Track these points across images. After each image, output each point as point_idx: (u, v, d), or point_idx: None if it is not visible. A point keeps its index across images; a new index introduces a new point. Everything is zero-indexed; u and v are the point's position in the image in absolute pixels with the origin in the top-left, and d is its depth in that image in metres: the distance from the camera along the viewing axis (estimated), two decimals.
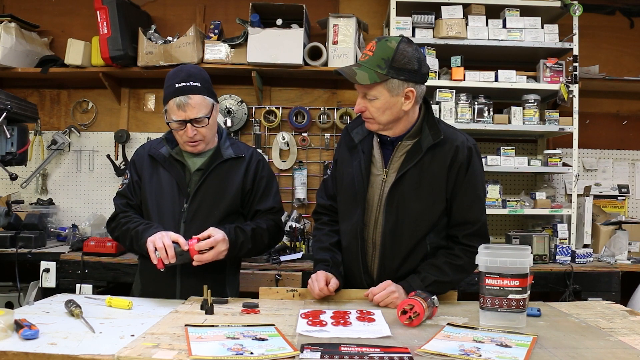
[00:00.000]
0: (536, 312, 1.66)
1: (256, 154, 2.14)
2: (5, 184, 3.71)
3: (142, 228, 1.92)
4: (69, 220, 3.75)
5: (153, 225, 1.92)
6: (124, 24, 3.33)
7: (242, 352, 1.21)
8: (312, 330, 1.43)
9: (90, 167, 3.82)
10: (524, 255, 1.50)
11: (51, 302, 1.78)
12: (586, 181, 3.76)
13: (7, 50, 3.39)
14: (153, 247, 1.80)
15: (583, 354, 1.27)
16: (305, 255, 3.14)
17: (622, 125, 3.84)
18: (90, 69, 3.52)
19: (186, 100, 1.91)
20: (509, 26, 3.27)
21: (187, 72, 1.95)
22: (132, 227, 1.95)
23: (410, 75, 1.74)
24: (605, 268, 2.98)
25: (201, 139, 1.98)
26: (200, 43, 3.43)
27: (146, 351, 1.23)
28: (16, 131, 2.29)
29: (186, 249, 1.81)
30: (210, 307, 1.63)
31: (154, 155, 2.05)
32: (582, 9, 3.21)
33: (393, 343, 1.33)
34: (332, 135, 3.71)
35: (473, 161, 1.84)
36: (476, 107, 3.29)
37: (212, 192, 2.02)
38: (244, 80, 3.64)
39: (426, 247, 1.86)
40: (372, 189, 1.87)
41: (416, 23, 3.29)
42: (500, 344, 1.31)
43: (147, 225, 1.94)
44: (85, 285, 2.92)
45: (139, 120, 3.82)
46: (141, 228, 1.92)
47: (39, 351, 1.22)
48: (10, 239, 3.06)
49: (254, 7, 3.38)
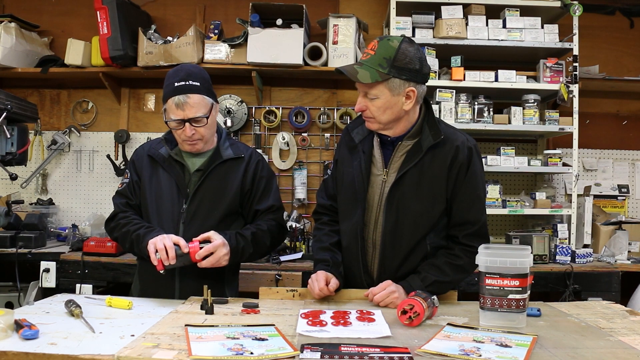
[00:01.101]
0: (536, 312, 1.66)
1: (255, 154, 2.14)
2: (5, 184, 3.71)
3: (144, 232, 1.91)
4: (69, 220, 3.75)
5: (154, 229, 1.92)
6: (124, 24, 3.33)
7: (242, 352, 1.21)
8: (312, 330, 1.43)
9: (90, 167, 3.82)
10: (524, 255, 1.50)
11: (51, 302, 1.78)
12: (586, 181, 3.76)
13: (7, 50, 3.39)
14: (154, 249, 1.79)
15: (583, 354, 1.27)
16: (305, 255, 3.14)
17: (622, 125, 3.84)
18: (90, 69, 3.51)
19: (185, 99, 1.91)
20: (509, 26, 3.27)
21: (186, 72, 1.95)
22: (133, 230, 1.94)
23: (411, 75, 1.74)
24: (605, 268, 2.98)
25: (200, 138, 1.98)
26: (200, 43, 3.43)
27: (146, 351, 1.23)
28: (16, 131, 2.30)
29: (186, 252, 1.81)
30: (210, 307, 1.63)
31: (153, 155, 2.05)
32: (582, 9, 3.21)
33: (393, 343, 1.33)
34: (332, 135, 3.71)
35: (473, 161, 1.84)
36: (476, 107, 3.29)
37: (211, 193, 2.01)
38: (244, 80, 3.64)
39: (426, 247, 1.86)
40: (372, 189, 1.87)
41: (416, 23, 3.29)
42: (500, 344, 1.31)
43: (148, 228, 1.93)
44: (85, 285, 2.92)
45: (139, 120, 3.82)
46: (142, 232, 1.91)
47: (39, 351, 1.22)
48: (10, 239, 3.06)
49: (254, 7, 3.38)
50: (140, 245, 1.90)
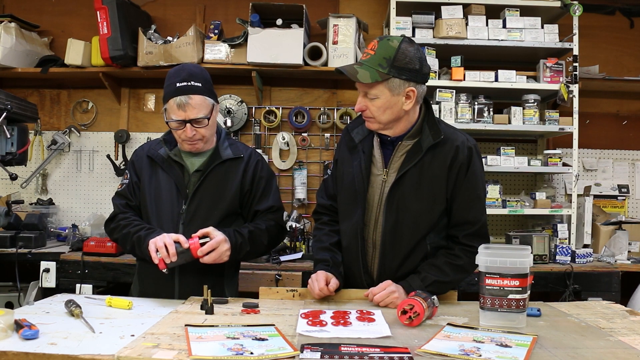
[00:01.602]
0: (536, 312, 1.66)
1: (255, 154, 2.13)
2: (5, 184, 3.71)
3: (144, 233, 1.91)
4: (69, 220, 3.75)
5: (155, 230, 1.92)
6: (124, 24, 3.33)
7: (242, 352, 1.21)
8: (312, 330, 1.43)
9: (90, 167, 3.82)
10: (524, 255, 1.50)
11: (51, 302, 1.77)
12: (586, 181, 3.76)
13: (7, 50, 3.39)
14: (154, 247, 1.80)
15: (583, 354, 1.27)
16: (305, 255, 3.14)
17: (622, 125, 3.84)
18: (90, 69, 3.52)
19: (187, 100, 1.90)
20: (509, 26, 3.27)
21: (188, 72, 1.94)
22: (133, 232, 1.94)
23: (411, 75, 1.74)
24: (605, 268, 2.98)
25: (200, 138, 1.98)
26: (200, 43, 3.43)
27: (146, 351, 1.23)
28: (16, 131, 2.29)
29: (187, 247, 1.81)
30: (210, 307, 1.63)
31: (153, 156, 2.05)
32: (582, 9, 3.21)
33: (393, 343, 1.33)
34: (332, 135, 3.71)
35: (473, 161, 1.84)
36: (476, 107, 3.28)
37: (210, 193, 2.01)
38: (244, 80, 3.64)
39: (426, 247, 1.86)
40: (373, 189, 1.87)
41: (416, 23, 3.29)
42: (500, 344, 1.31)
43: (148, 230, 1.93)
44: (85, 285, 2.92)
45: (139, 120, 3.82)
46: (143, 233, 1.91)
47: (39, 351, 1.22)
48: (10, 239, 3.06)
49: (254, 7, 3.38)
50: (141, 247, 1.89)
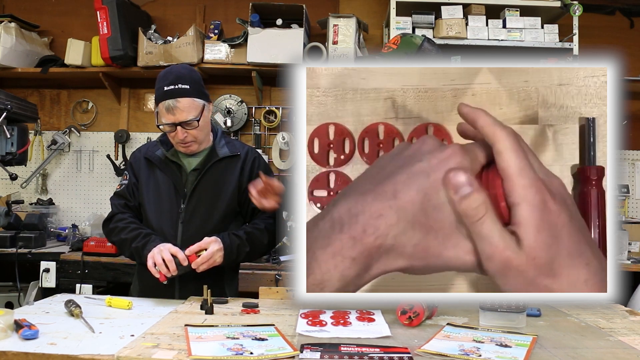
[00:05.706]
0: (536, 312, 1.66)
1: (252, 152, 2.13)
2: (5, 184, 3.71)
3: (141, 243, 1.91)
4: (69, 220, 3.75)
5: (151, 238, 1.92)
6: (124, 24, 3.33)
7: (241, 352, 1.21)
8: (312, 330, 1.43)
9: (90, 167, 3.82)
10: None
11: (51, 302, 1.78)
12: None
13: (7, 50, 3.39)
14: (152, 263, 1.81)
15: (583, 354, 1.27)
16: None
17: (622, 125, 3.83)
18: (90, 69, 3.51)
19: (175, 104, 1.90)
20: (509, 26, 3.27)
21: (176, 75, 1.93)
22: (130, 239, 1.95)
23: None
24: None
25: (193, 140, 1.98)
26: (200, 43, 3.43)
27: (146, 351, 1.23)
28: (16, 131, 2.29)
29: (186, 264, 1.82)
30: (210, 307, 1.63)
31: (150, 157, 2.06)
32: (582, 9, 3.21)
33: (393, 343, 1.33)
34: None
35: None
36: None
37: (208, 192, 2.02)
38: (244, 80, 3.63)
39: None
40: None
41: (416, 23, 3.29)
42: (500, 344, 1.31)
43: (145, 238, 1.93)
44: (85, 285, 2.92)
45: (139, 120, 3.82)
46: (140, 244, 1.91)
47: (39, 351, 1.22)
48: (10, 239, 3.06)
49: (254, 7, 3.38)
50: (140, 258, 1.91)
